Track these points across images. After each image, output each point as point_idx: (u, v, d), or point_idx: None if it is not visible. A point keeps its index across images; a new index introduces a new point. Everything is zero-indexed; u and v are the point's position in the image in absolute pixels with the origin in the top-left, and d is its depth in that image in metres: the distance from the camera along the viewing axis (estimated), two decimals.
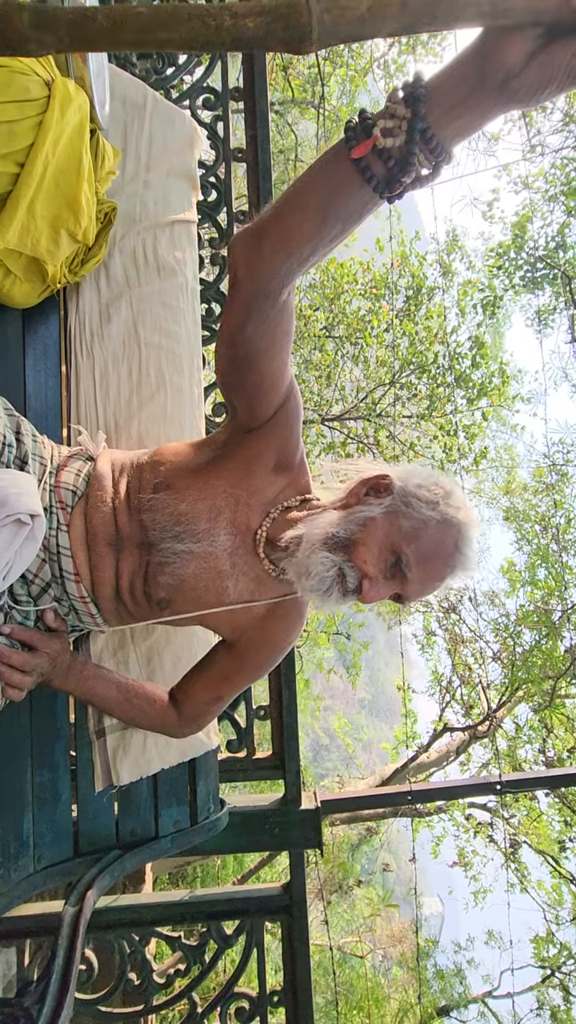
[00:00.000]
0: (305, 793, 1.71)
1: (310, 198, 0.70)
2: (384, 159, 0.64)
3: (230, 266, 0.79)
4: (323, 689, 13.29)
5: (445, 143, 0.63)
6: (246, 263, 0.76)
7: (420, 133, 0.62)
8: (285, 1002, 1.60)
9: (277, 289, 0.78)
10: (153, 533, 0.98)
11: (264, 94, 1.85)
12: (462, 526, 0.94)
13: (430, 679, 6.19)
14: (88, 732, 1.32)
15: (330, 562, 0.92)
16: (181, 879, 5.96)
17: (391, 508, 0.94)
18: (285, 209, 0.72)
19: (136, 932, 1.55)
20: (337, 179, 0.67)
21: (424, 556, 0.92)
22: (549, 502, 6.37)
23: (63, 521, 0.99)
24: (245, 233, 0.76)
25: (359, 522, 0.94)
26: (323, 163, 0.69)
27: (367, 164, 0.65)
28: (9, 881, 1.15)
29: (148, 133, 1.50)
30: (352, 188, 0.67)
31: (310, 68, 6.93)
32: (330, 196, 0.68)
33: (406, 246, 6.17)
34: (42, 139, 0.96)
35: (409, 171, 0.64)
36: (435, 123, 0.62)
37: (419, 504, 0.93)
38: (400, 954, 6.03)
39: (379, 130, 0.63)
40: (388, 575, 0.94)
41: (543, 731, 5.60)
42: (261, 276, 0.76)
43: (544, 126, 6.00)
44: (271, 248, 0.73)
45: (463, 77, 0.60)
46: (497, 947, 5.54)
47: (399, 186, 0.65)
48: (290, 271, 0.75)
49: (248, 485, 0.99)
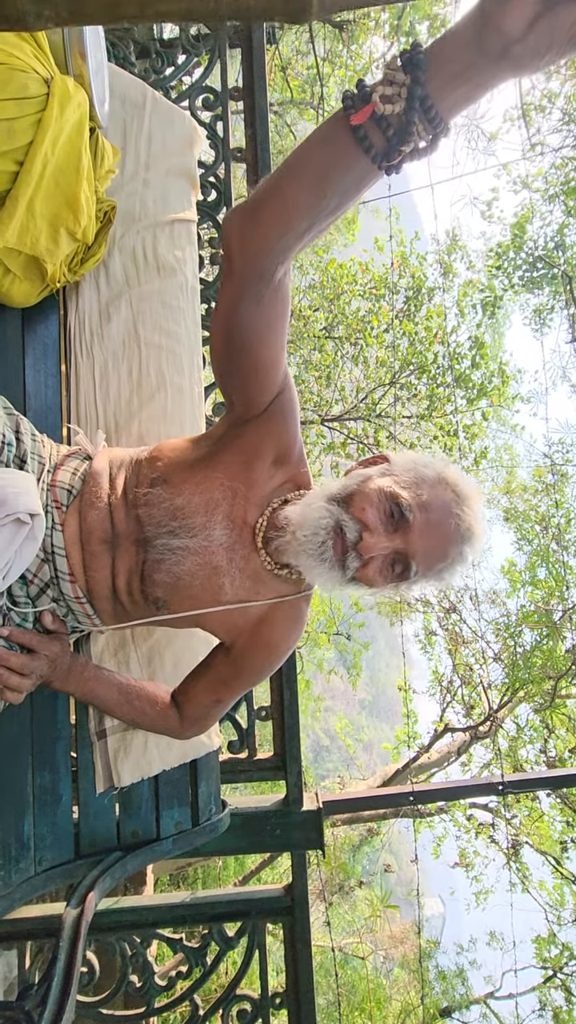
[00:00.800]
0: (306, 794, 1.70)
1: (307, 169, 0.68)
2: (383, 128, 0.63)
3: (223, 243, 0.77)
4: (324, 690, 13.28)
5: (444, 113, 0.62)
6: (240, 239, 0.74)
7: (420, 100, 0.61)
8: (287, 1004, 1.60)
9: (272, 267, 0.76)
10: (149, 528, 0.97)
11: (263, 93, 1.84)
12: (461, 485, 0.93)
13: (431, 679, 6.18)
14: (89, 733, 1.31)
15: (326, 511, 0.90)
16: (182, 880, 5.95)
17: (388, 470, 0.94)
18: (281, 181, 0.70)
19: (137, 934, 1.55)
20: (335, 149, 0.66)
21: (425, 502, 0.90)
22: (549, 502, 6.36)
23: (58, 520, 0.97)
24: (239, 208, 0.74)
25: (356, 479, 0.94)
26: (321, 133, 0.68)
27: (365, 133, 0.64)
28: (10, 883, 1.14)
29: (148, 132, 1.49)
30: (350, 158, 0.65)
31: (309, 69, 6.93)
32: (327, 167, 0.67)
33: (406, 246, 6.17)
34: (41, 137, 0.96)
35: (408, 140, 0.63)
36: (435, 92, 0.61)
37: (416, 466, 0.94)
38: (402, 955, 6.02)
39: (378, 96, 0.62)
40: (390, 528, 0.90)
41: (544, 731, 5.60)
42: (256, 252, 0.74)
43: (543, 125, 6.00)
44: (267, 222, 0.71)
45: (463, 44, 0.59)
46: (499, 948, 5.52)
47: (397, 156, 0.64)
48: (285, 247, 0.73)
49: (246, 478, 0.97)
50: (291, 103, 6.96)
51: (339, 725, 8.27)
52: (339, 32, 6.01)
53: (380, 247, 5.91)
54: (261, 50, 1.88)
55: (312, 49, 6.14)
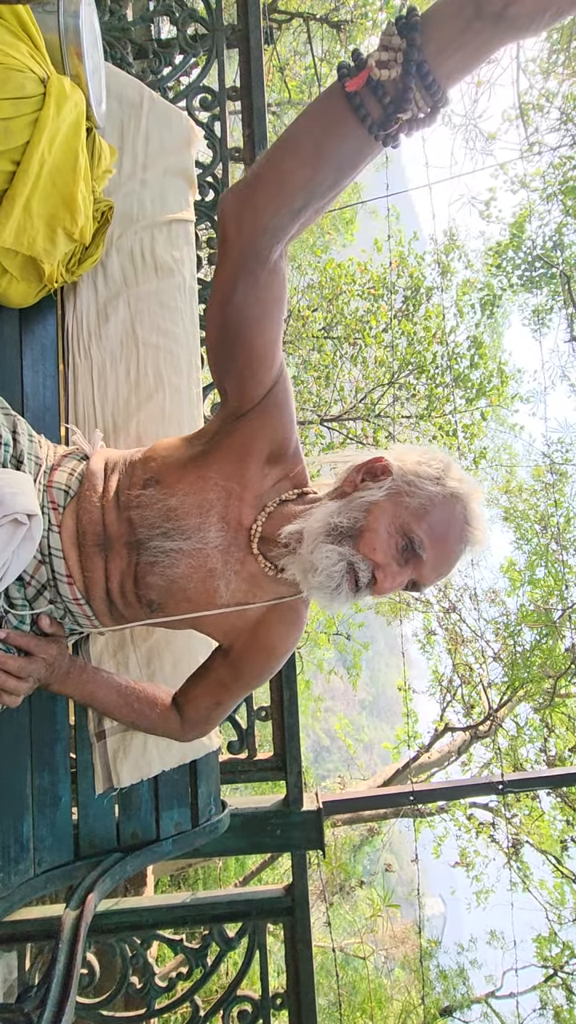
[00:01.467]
0: (306, 794, 1.70)
1: (303, 142, 0.67)
2: (379, 95, 0.62)
3: (219, 223, 0.75)
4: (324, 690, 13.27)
5: (441, 80, 0.61)
6: (236, 217, 0.73)
7: (416, 65, 0.59)
8: (288, 1004, 1.60)
9: (268, 246, 0.74)
10: (141, 530, 0.94)
11: (261, 92, 1.84)
12: (468, 498, 0.89)
13: (431, 679, 6.18)
14: (88, 734, 1.31)
15: (337, 555, 0.85)
16: (183, 881, 5.94)
17: (393, 489, 0.88)
18: (277, 156, 0.69)
19: (138, 935, 1.54)
20: (331, 119, 0.65)
21: (437, 535, 0.86)
22: (548, 501, 6.36)
23: (55, 522, 0.96)
24: (235, 186, 0.73)
25: (362, 508, 0.87)
26: (316, 104, 0.66)
27: (361, 101, 0.62)
28: (9, 885, 1.14)
29: (145, 132, 1.49)
30: (346, 128, 0.64)
31: (307, 70, 6.93)
32: (324, 138, 0.65)
33: (404, 246, 6.17)
34: (38, 137, 0.96)
35: (405, 108, 0.61)
36: (431, 57, 0.59)
37: (422, 481, 0.88)
38: (403, 955, 6.02)
39: (374, 61, 0.61)
40: (401, 561, 0.87)
41: (544, 730, 5.60)
42: (252, 231, 0.72)
43: (542, 124, 6.00)
44: (263, 198, 0.70)
45: (460, 6, 0.58)
46: (500, 947, 5.53)
47: (394, 124, 0.63)
48: (281, 225, 0.71)
49: (241, 477, 0.94)
50: (289, 104, 6.96)
51: (339, 725, 8.27)
52: (337, 32, 6.01)
53: (379, 247, 5.91)
54: (259, 50, 1.88)
55: (310, 49, 6.14)
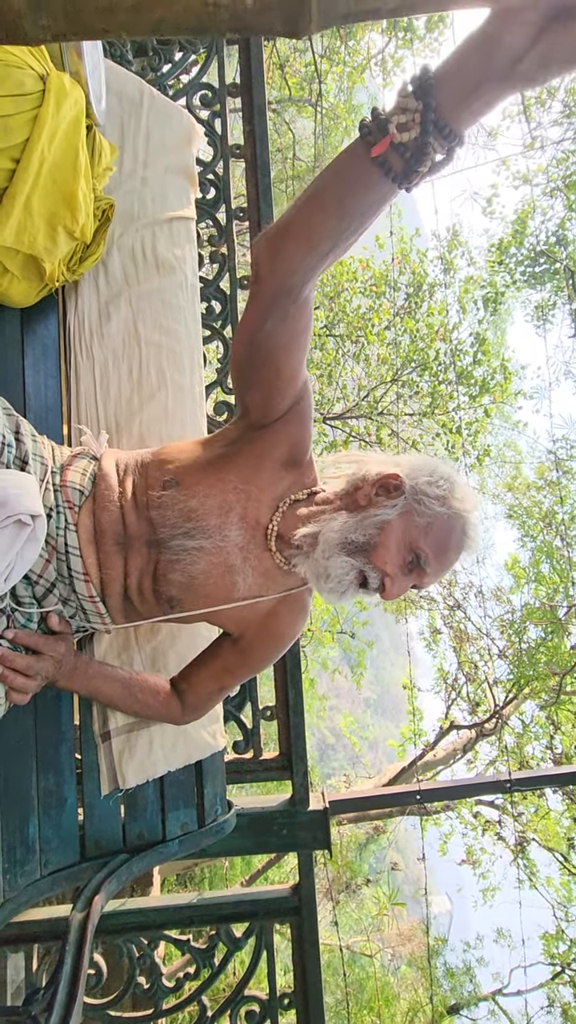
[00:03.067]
0: (313, 793, 1.69)
1: (330, 196, 0.73)
2: (401, 152, 0.67)
3: (253, 264, 0.83)
4: (328, 688, 13.26)
5: (457, 129, 0.65)
6: (269, 260, 0.80)
7: (433, 124, 0.64)
8: (296, 1004, 1.59)
9: (299, 285, 0.82)
10: (163, 531, 1.00)
11: (261, 89, 1.83)
12: (468, 514, 1.00)
13: (435, 677, 6.16)
14: (93, 735, 1.31)
15: (349, 566, 0.96)
16: (189, 881, 5.95)
17: (404, 508, 0.98)
18: (306, 208, 0.76)
19: (144, 936, 1.54)
20: (357, 176, 0.71)
21: (439, 548, 0.98)
22: (553, 498, 6.33)
23: (71, 520, 0.99)
24: (268, 232, 0.80)
25: (376, 525, 0.98)
26: (342, 163, 0.73)
27: (385, 159, 0.68)
28: (16, 886, 1.14)
29: (145, 129, 1.48)
30: (371, 183, 0.71)
31: (307, 67, 6.91)
32: (350, 192, 0.72)
33: (407, 243, 6.15)
34: (37, 134, 0.95)
35: (425, 161, 0.67)
36: (447, 112, 0.64)
37: (430, 501, 0.98)
38: (410, 953, 6.01)
39: (394, 126, 0.66)
40: (407, 571, 0.99)
41: (550, 728, 5.58)
42: (284, 272, 0.80)
43: (544, 119, 5.97)
44: (293, 246, 0.78)
45: (470, 64, 0.62)
46: (507, 945, 5.51)
47: (416, 175, 0.69)
48: (311, 266, 0.79)
49: (258, 481, 1.02)
50: (289, 101, 6.94)
51: (344, 723, 8.26)
52: (337, 29, 5.99)
53: (381, 244, 5.89)
54: (259, 46, 1.87)
55: (310, 46, 6.12)
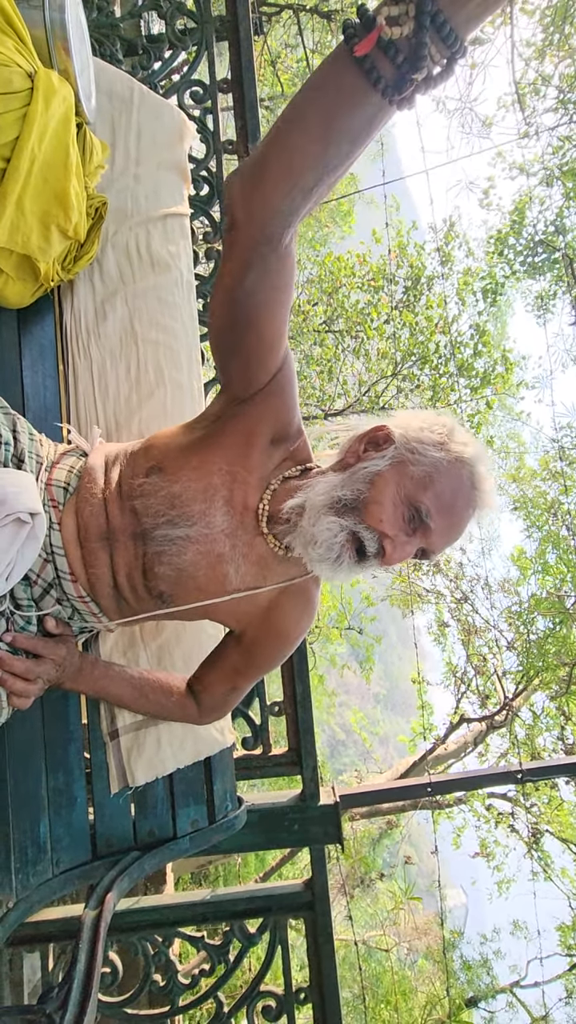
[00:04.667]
0: (323, 788, 1.69)
1: (310, 116, 0.61)
2: (391, 55, 0.56)
3: (226, 208, 0.71)
4: (338, 684, 13.27)
5: (459, 28, 0.55)
6: (244, 202, 0.68)
7: (431, 17, 0.54)
8: (312, 998, 1.59)
9: (280, 230, 0.70)
10: (146, 520, 0.93)
11: (252, 83, 1.82)
12: (474, 462, 0.87)
13: (444, 671, 6.15)
14: (101, 734, 1.31)
15: (337, 526, 0.84)
16: (204, 879, 5.97)
17: (396, 458, 0.86)
18: (284, 132, 0.63)
19: (159, 933, 1.54)
20: (340, 87, 0.59)
21: (444, 502, 0.85)
22: (558, 488, 6.30)
23: (55, 519, 0.95)
24: (241, 168, 0.68)
25: (365, 479, 0.86)
26: (322, 72, 0.61)
27: (372, 64, 0.57)
28: (28, 886, 1.14)
29: (136, 126, 1.48)
30: (357, 95, 0.59)
31: (299, 62, 6.89)
32: (334, 108, 0.60)
33: (404, 236, 6.12)
34: (27, 132, 0.95)
35: (420, 66, 0.56)
36: (447, 6, 0.54)
37: (425, 448, 0.86)
38: (426, 946, 6.01)
39: (383, 18, 0.55)
40: (409, 531, 0.85)
41: (561, 718, 5.56)
42: (263, 215, 0.68)
43: (539, 106, 5.93)
44: (272, 181, 0.65)
45: None
46: (523, 937, 5.50)
47: (410, 86, 0.57)
48: (293, 207, 0.67)
49: (245, 461, 0.93)
50: (282, 97, 6.92)
51: (354, 719, 8.26)
52: (327, 22, 5.97)
53: (378, 238, 5.87)
54: (248, 41, 1.86)
55: (301, 41, 6.10)
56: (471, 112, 6.00)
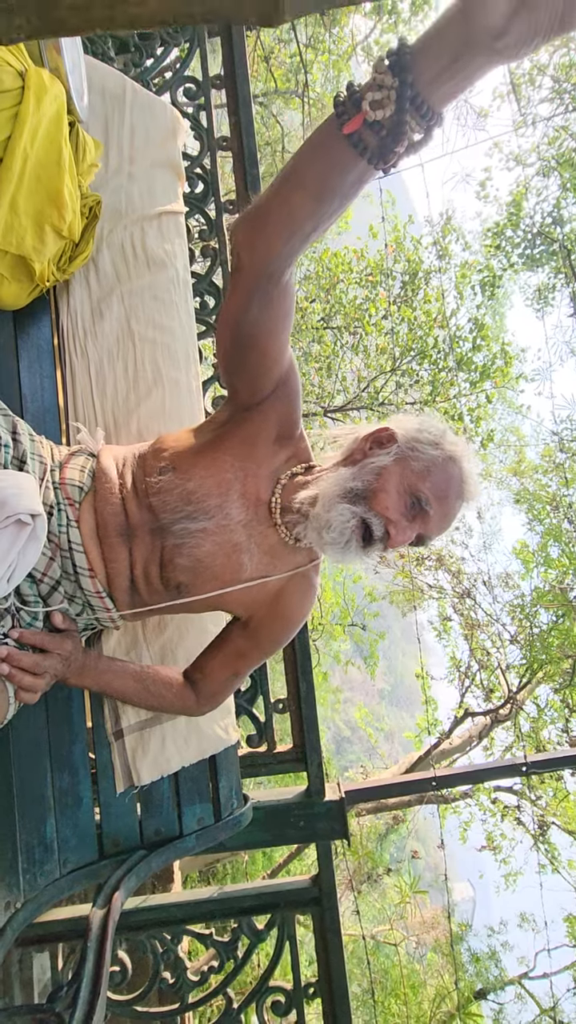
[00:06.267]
0: (328, 784, 1.69)
1: (307, 177, 0.71)
2: (376, 130, 0.65)
3: (233, 250, 0.81)
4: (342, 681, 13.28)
5: (435, 107, 0.63)
6: (249, 246, 0.79)
7: (410, 101, 0.62)
8: (321, 993, 1.59)
9: (281, 269, 0.80)
10: (164, 516, 1.00)
11: (245, 79, 1.82)
12: (462, 459, 1.01)
13: (448, 665, 6.15)
14: (106, 734, 1.31)
15: (350, 513, 0.95)
16: (212, 876, 5.98)
17: (399, 454, 0.99)
18: (283, 190, 0.74)
19: (167, 931, 1.55)
20: (332, 156, 0.69)
21: (439, 492, 0.98)
22: (559, 480, 6.29)
23: (72, 517, 1.00)
24: (246, 216, 0.79)
25: (373, 472, 0.98)
26: (316, 141, 0.71)
27: (359, 138, 0.66)
28: (36, 886, 1.14)
29: (130, 124, 1.47)
30: (347, 163, 0.68)
31: (292, 57, 6.86)
32: (326, 173, 0.70)
33: (400, 231, 6.10)
34: (19, 131, 0.94)
35: (401, 140, 0.64)
36: (424, 89, 0.62)
37: (423, 446, 0.99)
38: (434, 940, 6.02)
39: (368, 103, 0.64)
40: (410, 517, 0.98)
41: (565, 710, 5.56)
42: (265, 257, 0.78)
43: (534, 96, 5.90)
44: (273, 229, 0.76)
45: (448, 40, 0.60)
46: (531, 929, 5.51)
47: (393, 156, 0.66)
48: (292, 250, 0.78)
49: (254, 457, 1.02)
50: (275, 93, 6.89)
51: (359, 715, 8.27)
52: (320, 16, 5.94)
53: (374, 233, 5.85)
54: (241, 37, 1.85)
55: (294, 36, 6.07)
56: (466, 104, 5.97)
